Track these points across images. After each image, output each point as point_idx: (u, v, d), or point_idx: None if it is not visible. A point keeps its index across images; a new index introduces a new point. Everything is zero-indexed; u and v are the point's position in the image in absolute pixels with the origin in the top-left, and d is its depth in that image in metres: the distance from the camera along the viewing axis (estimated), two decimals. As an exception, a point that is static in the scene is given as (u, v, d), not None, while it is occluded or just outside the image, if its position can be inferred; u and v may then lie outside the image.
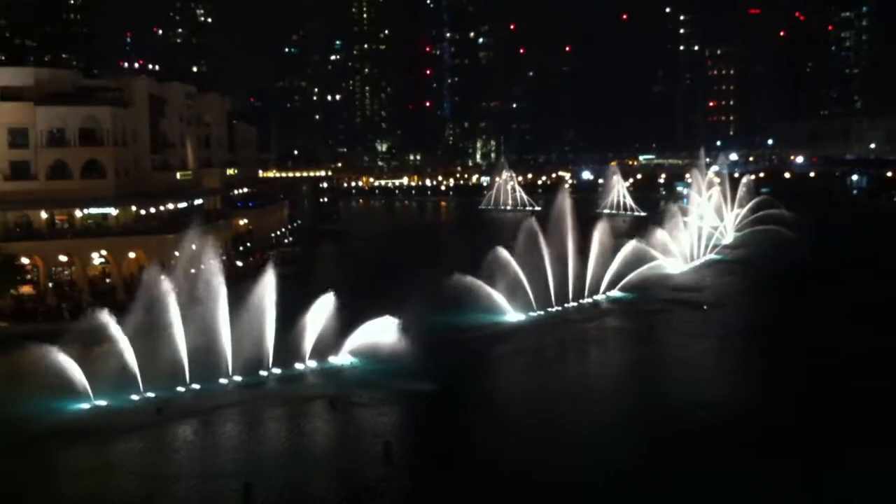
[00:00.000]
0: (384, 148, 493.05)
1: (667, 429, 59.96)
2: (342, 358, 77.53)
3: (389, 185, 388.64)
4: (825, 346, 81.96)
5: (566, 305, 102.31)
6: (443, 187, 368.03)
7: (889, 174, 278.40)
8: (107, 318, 70.70)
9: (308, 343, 76.44)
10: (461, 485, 51.65)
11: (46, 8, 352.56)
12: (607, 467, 53.43)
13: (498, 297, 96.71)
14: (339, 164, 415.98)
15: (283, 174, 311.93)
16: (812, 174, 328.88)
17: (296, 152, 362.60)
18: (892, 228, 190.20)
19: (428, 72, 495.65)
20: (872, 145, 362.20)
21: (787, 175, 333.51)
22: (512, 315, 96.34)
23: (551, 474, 52.68)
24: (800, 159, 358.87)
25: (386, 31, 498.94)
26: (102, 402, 66.47)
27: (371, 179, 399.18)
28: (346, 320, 77.52)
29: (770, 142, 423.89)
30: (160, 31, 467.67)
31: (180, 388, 69.45)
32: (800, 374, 72.45)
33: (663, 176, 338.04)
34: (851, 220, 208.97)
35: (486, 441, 58.89)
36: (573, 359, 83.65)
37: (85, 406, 66.09)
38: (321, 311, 76.89)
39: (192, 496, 50.94)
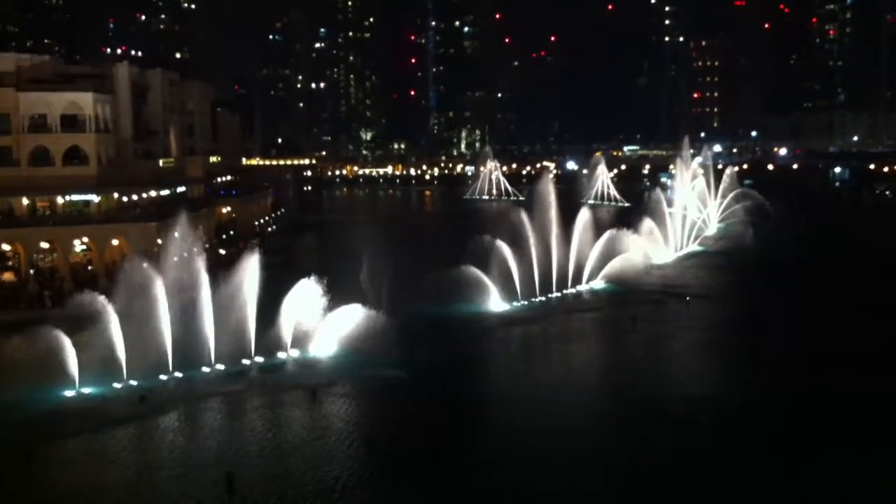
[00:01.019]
0: (368, 137, 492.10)
1: (651, 423, 60.13)
2: (324, 347, 77.34)
3: (374, 174, 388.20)
4: (806, 339, 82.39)
5: (550, 296, 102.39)
6: (427, 177, 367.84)
7: (871, 167, 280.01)
8: (89, 305, 70.31)
9: (290, 332, 76.22)
10: (439, 474, 51.77)
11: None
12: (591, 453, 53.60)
13: (482, 287, 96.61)
14: (324, 153, 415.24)
15: (267, 162, 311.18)
16: (795, 166, 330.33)
17: (280, 140, 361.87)
18: (870, 222, 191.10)
19: (413, 61, 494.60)
20: (855, 138, 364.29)
21: (770, 167, 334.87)
22: (497, 305, 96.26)
23: (536, 468, 52.77)
24: (783, 151, 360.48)
25: (370, 20, 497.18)
26: (85, 391, 66.12)
27: (355, 168, 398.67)
28: (329, 309, 77.30)
29: (754, 134, 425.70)
30: (143, 18, 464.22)
31: (163, 377, 69.19)
32: (781, 368, 72.71)
33: (647, 167, 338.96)
34: (832, 212, 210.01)
35: (465, 433, 58.89)
36: (557, 350, 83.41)
37: (67, 394, 65.71)
38: (303, 300, 76.65)
39: (174, 486, 50.71)
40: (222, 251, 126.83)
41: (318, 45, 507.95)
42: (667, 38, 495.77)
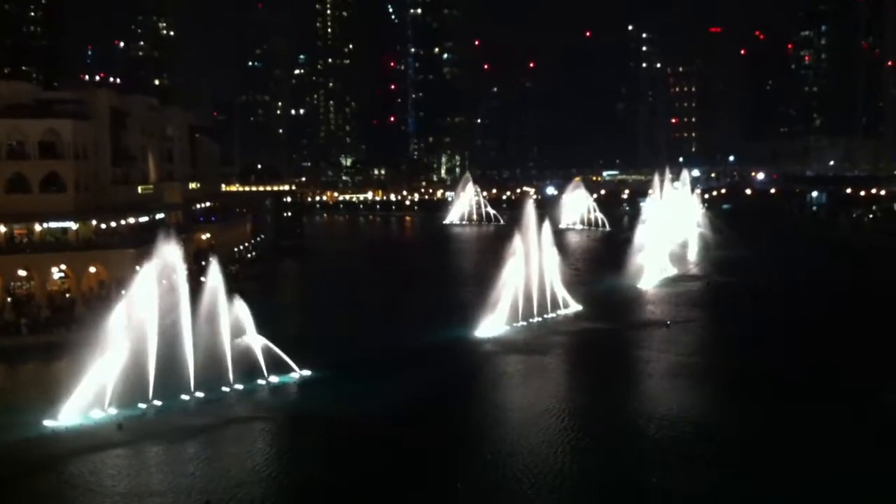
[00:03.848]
0: (348, 163, 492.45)
1: (627, 447, 60.22)
2: (304, 373, 76.96)
3: (354, 199, 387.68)
4: (778, 364, 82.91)
5: (531, 321, 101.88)
6: (407, 202, 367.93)
7: (848, 191, 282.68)
8: (66, 333, 69.66)
9: (268, 358, 75.72)
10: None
11: (6, 20, 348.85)
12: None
13: (463, 314, 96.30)
14: (303, 179, 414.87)
15: (247, 188, 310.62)
16: (773, 191, 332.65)
17: (259, 166, 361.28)
18: (847, 245, 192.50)
19: (392, 87, 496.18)
20: (831, 162, 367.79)
21: (748, 191, 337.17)
22: (480, 331, 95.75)
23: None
24: (761, 176, 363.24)
25: (350, 46, 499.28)
26: (61, 419, 65.18)
27: (335, 194, 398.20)
28: (307, 335, 77.01)
29: (731, 158, 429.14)
30: (122, 44, 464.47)
31: (142, 405, 68.40)
32: (755, 392, 73.01)
33: (627, 192, 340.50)
34: (809, 236, 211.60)
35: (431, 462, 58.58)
36: (539, 376, 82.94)
37: (44, 423, 64.76)
38: (282, 327, 76.30)
39: (152, 515, 50.13)
40: (202, 278, 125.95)
41: (297, 71, 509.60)
42: (644, 65, 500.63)
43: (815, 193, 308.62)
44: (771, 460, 56.37)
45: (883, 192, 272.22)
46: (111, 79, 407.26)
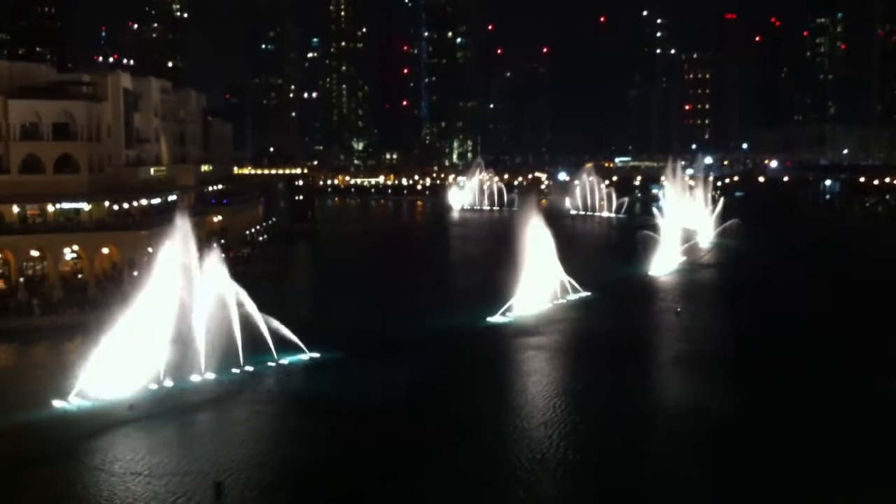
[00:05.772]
0: (360, 146, 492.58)
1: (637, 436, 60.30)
2: (309, 356, 77.26)
3: (365, 183, 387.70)
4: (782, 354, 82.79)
5: (542, 307, 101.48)
6: (419, 187, 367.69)
7: (861, 179, 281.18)
8: (78, 314, 70.03)
9: (278, 340, 76.03)
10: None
11: (20, 1, 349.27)
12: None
13: (474, 299, 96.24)
14: (315, 163, 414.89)
15: (259, 171, 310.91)
16: (786, 178, 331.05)
17: (271, 150, 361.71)
18: (862, 234, 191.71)
19: (405, 71, 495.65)
20: (845, 151, 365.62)
21: (761, 179, 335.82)
22: (490, 317, 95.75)
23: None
24: (774, 164, 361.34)
25: (363, 30, 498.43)
26: (73, 400, 65.64)
27: (347, 178, 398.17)
28: (317, 318, 77.16)
29: (745, 146, 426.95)
30: (135, 26, 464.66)
31: (153, 386, 68.79)
32: (757, 380, 72.90)
33: (639, 178, 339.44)
34: (824, 225, 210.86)
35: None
36: (548, 362, 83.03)
37: (55, 403, 65.23)
38: (293, 309, 76.49)
39: (162, 493, 50.37)
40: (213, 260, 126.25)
41: (310, 54, 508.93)
42: (659, 51, 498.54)
43: (828, 182, 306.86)
44: (772, 450, 56.43)
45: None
46: (124, 60, 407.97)
